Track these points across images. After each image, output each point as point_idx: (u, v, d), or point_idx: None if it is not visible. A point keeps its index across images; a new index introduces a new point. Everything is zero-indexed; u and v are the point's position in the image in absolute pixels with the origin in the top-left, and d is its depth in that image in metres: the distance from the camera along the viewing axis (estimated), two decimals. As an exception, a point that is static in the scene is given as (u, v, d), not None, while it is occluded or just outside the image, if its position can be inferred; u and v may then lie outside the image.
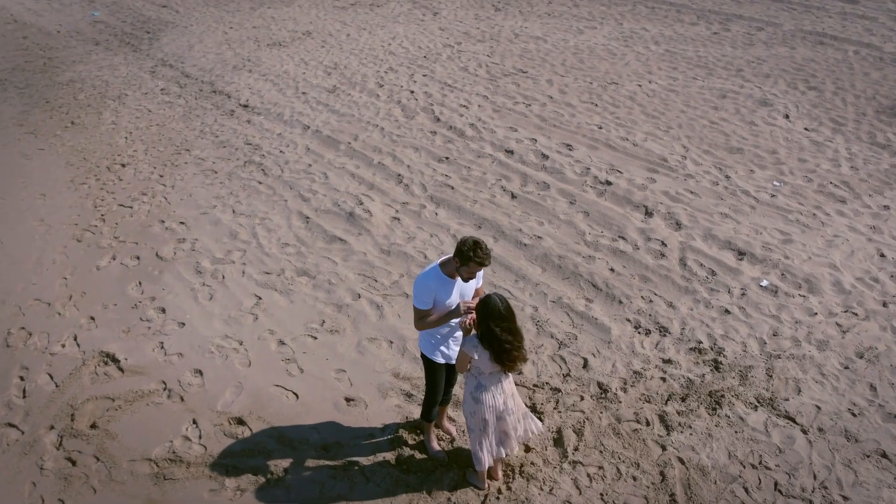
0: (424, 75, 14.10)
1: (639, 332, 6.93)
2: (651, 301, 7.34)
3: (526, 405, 6.17)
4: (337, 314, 7.41)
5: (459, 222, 8.94)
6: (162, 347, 7.01)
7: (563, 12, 18.76)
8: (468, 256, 4.64)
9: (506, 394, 4.99)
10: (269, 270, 8.19)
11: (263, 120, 12.53)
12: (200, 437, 5.93)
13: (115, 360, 6.81)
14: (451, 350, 5.20)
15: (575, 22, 17.76)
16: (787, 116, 11.40)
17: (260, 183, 10.26)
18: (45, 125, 12.71)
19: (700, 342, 6.72)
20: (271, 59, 15.91)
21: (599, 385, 6.28)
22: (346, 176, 10.30)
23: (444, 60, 15.00)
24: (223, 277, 8.10)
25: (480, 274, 5.15)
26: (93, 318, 7.47)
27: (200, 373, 6.65)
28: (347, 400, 6.26)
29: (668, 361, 6.52)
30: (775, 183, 9.44)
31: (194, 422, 6.07)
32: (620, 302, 7.37)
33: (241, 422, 6.05)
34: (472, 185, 9.78)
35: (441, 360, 5.22)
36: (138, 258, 8.57)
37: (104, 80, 14.96)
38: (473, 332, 4.80)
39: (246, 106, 13.17)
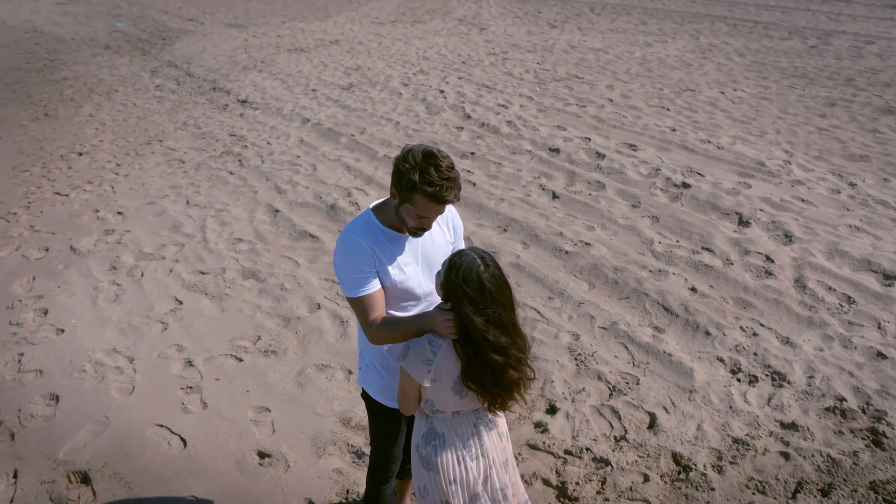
0: (460, 77, 11.90)
1: (738, 379, 4.37)
2: (756, 334, 4.75)
3: (550, 485, 3.58)
4: (282, 329, 5.05)
5: (477, 223, 6.53)
6: (19, 361, 4.84)
7: (629, 28, 16.69)
8: (412, 182, 2.20)
9: (488, 456, 2.43)
10: (205, 270, 5.90)
11: (259, 114, 10.46)
12: (12, 500, 3.67)
13: (-55, 377, 4.60)
14: None
15: (642, 36, 15.55)
16: (921, 124, 8.74)
17: (231, 174, 8.07)
18: (15, 116, 10.96)
19: (842, 399, 4.13)
20: (287, 61, 14.01)
21: (676, 458, 3.78)
22: (339, 168, 8.01)
23: (485, 66, 12.82)
24: (142, 275, 5.84)
25: (456, 224, 2.71)
26: (-51, 319, 5.30)
27: (56, 399, 4.44)
28: (261, 455, 3.95)
29: (792, 427, 3.95)
30: (923, 192, 6.78)
31: (14, 474, 3.89)
32: (708, 333, 4.80)
33: (85, 479, 3.86)
34: (500, 181, 7.38)
35: (395, 405, 2.71)
36: (46, 250, 6.44)
37: (99, 78, 13.25)
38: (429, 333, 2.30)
39: (244, 101, 11.14)
